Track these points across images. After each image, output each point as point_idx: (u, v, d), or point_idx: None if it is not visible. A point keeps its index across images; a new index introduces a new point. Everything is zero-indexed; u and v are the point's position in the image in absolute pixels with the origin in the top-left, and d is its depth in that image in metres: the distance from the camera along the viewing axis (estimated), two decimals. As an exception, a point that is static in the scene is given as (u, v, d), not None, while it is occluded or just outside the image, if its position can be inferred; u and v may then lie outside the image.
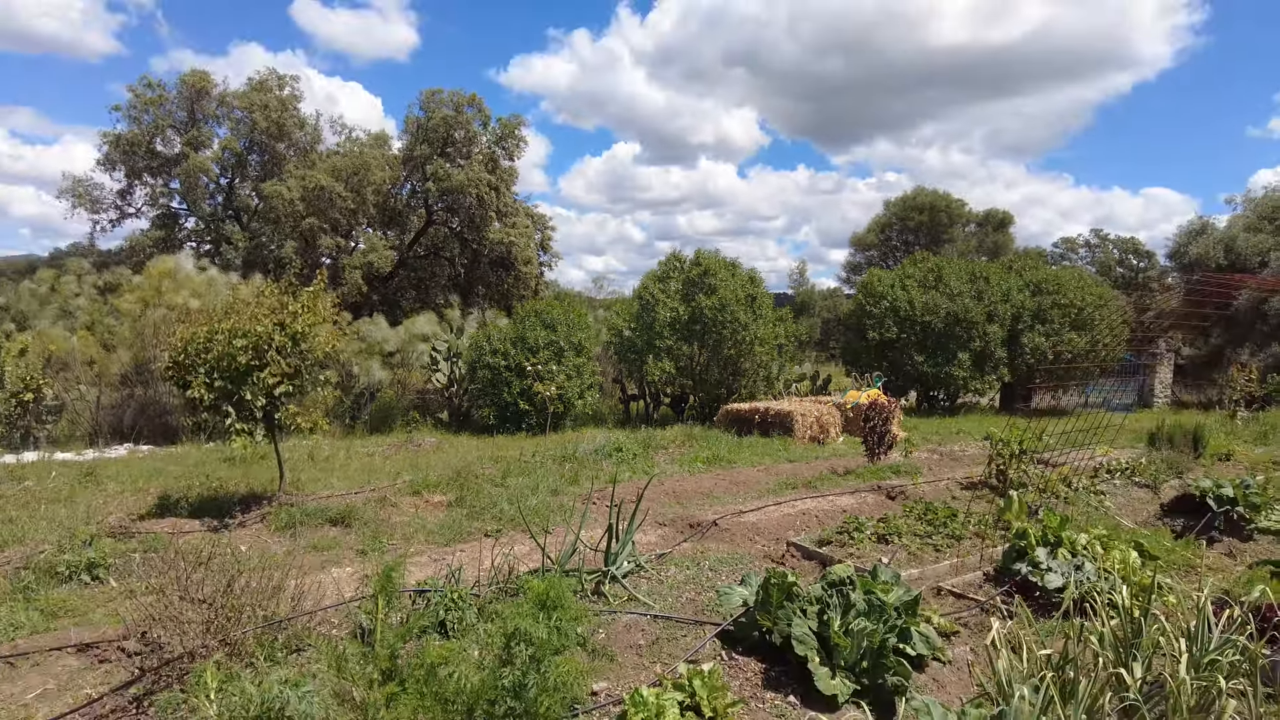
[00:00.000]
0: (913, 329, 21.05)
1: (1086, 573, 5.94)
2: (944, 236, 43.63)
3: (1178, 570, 6.85)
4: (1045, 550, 6.24)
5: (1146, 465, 11.19)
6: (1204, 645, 3.82)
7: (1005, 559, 6.62)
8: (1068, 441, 15.08)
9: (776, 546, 7.91)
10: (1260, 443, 14.80)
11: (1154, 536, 7.52)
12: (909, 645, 4.53)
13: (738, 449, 14.23)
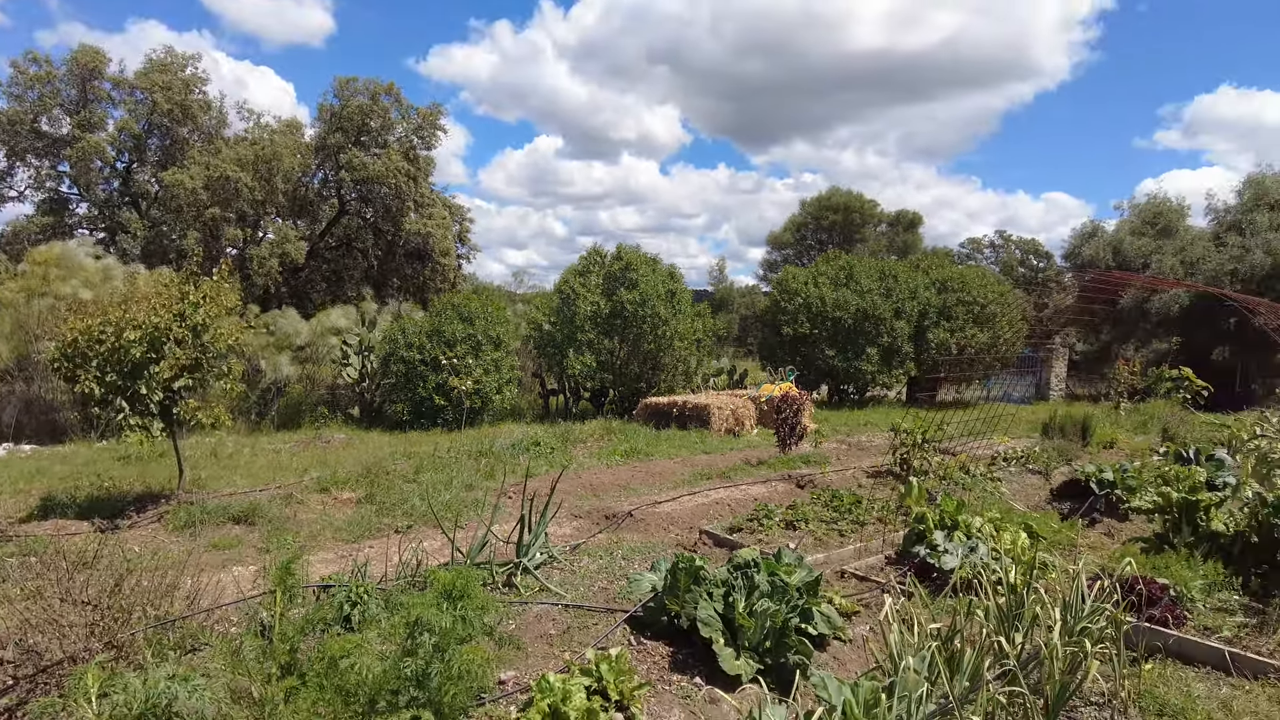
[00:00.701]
0: (825, 325, 21.63)
1: (980, 553, 6.25)
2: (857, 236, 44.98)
3: (1063, 549, 7.28)
4: (942, 533, 6.54)
5: (1039, 453, 11.82)
6: (1077, 615, 4.09)
7: (905, 542, 6.91)
8: (968, 432, 15.79)
9: (690, 535, 8.04)
10: (1140, 431, 15.81)
11: (1042, 519, 7.97)
12: (811, 625, 4.69)
13: (656, 442, 14.36)
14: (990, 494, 9.34)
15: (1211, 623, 5.22)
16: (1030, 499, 9.81)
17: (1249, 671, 4.62)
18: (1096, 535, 7.97)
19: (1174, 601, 5.35)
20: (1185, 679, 4.59)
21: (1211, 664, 4.76)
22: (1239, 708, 4.17)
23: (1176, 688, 4.42)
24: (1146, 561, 6.03)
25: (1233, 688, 4.49)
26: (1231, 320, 25.00)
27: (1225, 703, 4.23)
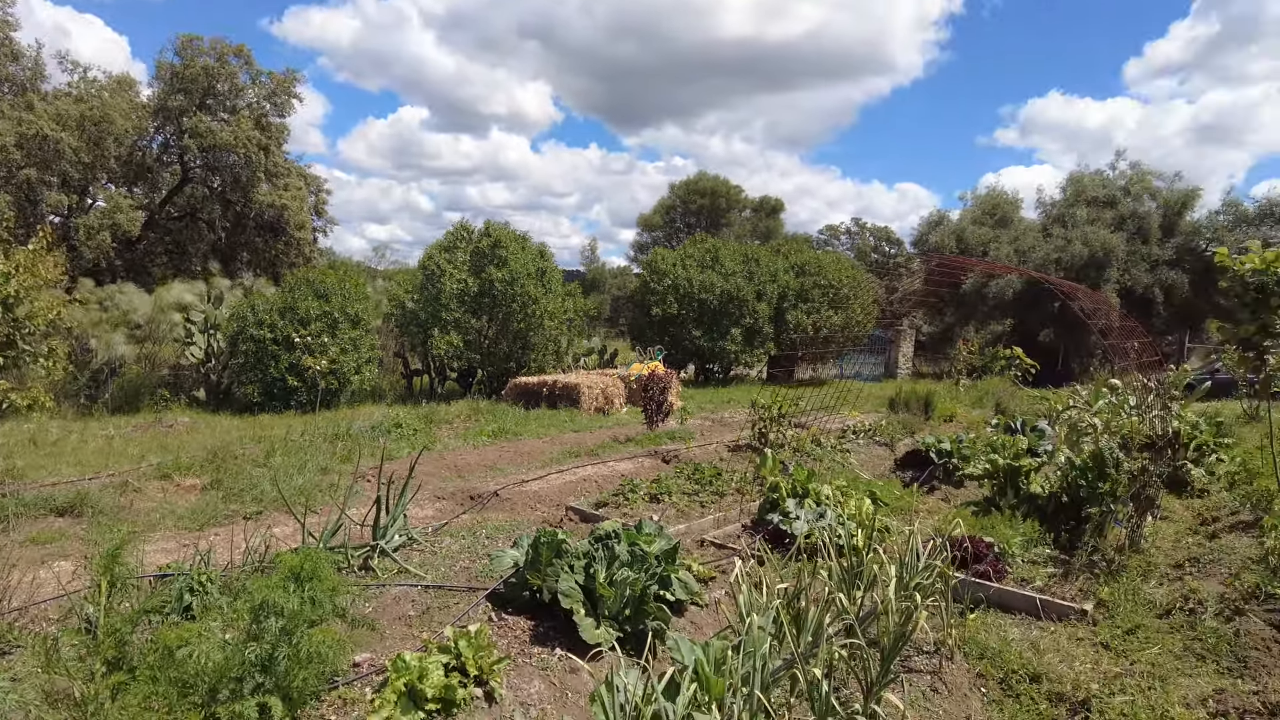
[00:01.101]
0: (692, 306, 22.12)
1: (828, 519, 6.62)
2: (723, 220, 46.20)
3: (904, 513, 7.82)
4: (794, 501, 6.87)
5: (886, 426, 12.60)
6: (911, 572, 4.42)
7: (761, 511, 7.22)
8: (822, 407, 16.59)
9: (557, 512, 8.07)
10: (977, 405, 17.14)
11: (886, 486, 8.52)
12: (669, 591, 4.83)
13: (524, 421, 14.28)
14: (839, 464, 9.89)
15: (1027, 574, 5.77)
16: (876, 468, 10.46)
17: (1055, 615, 5.15)
18: (935, 500, 8.61)
19: (998, 557, 5.87)
20: (1003, 625, 5.07)
21: (1026, 611, 5.27)
22: (1044, 646, 4.65)
23: (996, 633, 4.87)
24: (976, 523, 6.58)
25: (1041, 630, 4.99)
26: (1056, 305, 27.46)
27: (1034, 643, 4.70)
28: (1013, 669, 4.31)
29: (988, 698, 4.17)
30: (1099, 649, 4.67)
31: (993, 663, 4.39)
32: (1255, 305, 5.86)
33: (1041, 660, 4.42)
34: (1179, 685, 4.06)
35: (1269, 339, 5.85)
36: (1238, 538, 6.25)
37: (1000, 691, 4.20)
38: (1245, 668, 4.27)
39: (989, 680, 4.28)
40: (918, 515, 7.66)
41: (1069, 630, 4.94)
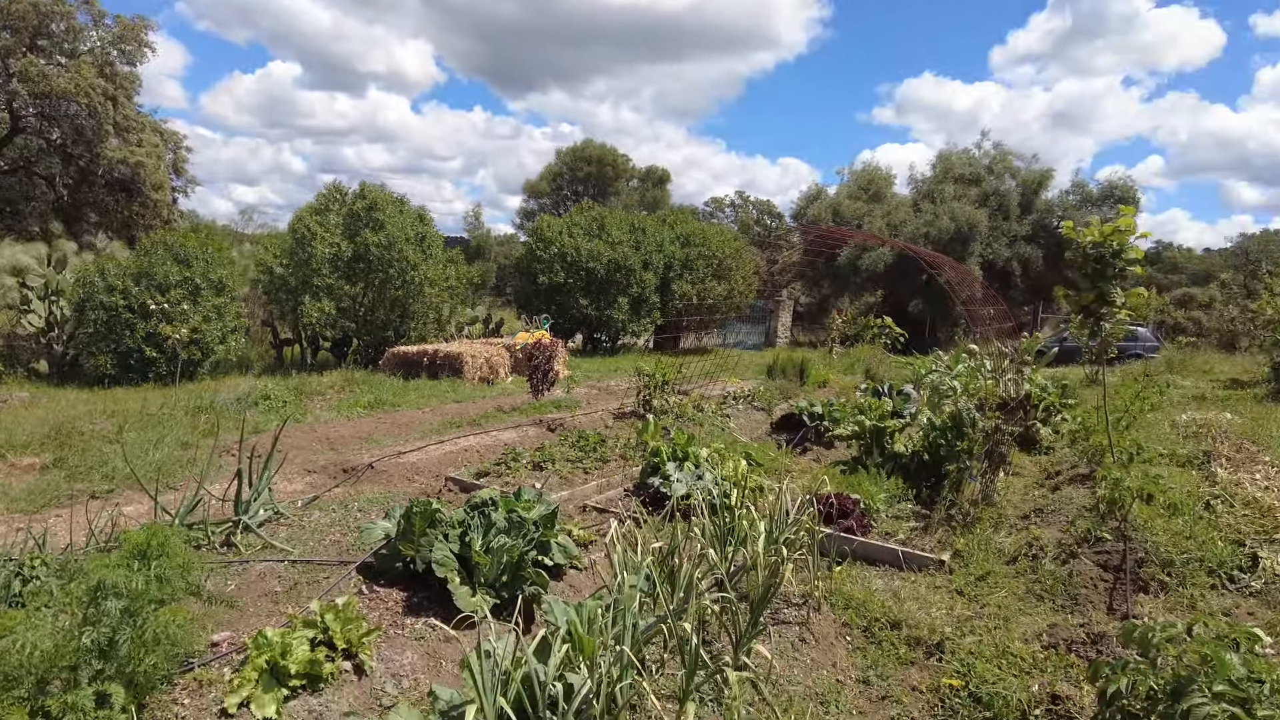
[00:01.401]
0: (579, 274, 22.00)
1: (706, 481, 6.75)
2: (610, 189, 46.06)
3: (779, 473, 8.08)
4: (674, 465, 6.98)
5: (763, 392, 12.97)
6: (780, 529, 4.56)
7: (643, 474, 7.30)
8: (705, 375, 16.90)
9: (436, 483, 7.89)
10: (849, 372, 17.91)
11: (762, 448, 8.78)
12: (549, 557, 4.81)
13: (404, 392, 13.86)
14: (720, 429, 10.11)
15: (891, 528, 6.09)
16: (754, 432, 10.77)
17: (915, 565, 5.46)
18: (807, 461, 8.95)
19: (863, 513, 6.16)
20: (868, 576, 5.33)
21: (889, 562, 5.56)
22: (905, 595, 4.93)
23: (861, 584, 5.12)
24: (844, 481, 6.87)
25: (903, 580, 5.28)
26: (923, 277, 28.93)
27: (896, 592, 4.97)
28: (875, 617, 4.54)
29: (852, 645, 4.38)
30: (954, 595, 4.99)
31: (857, 612, 4.61)
32: (1094, 275, 6.34)
33: (902, 608, 4.68)
34: (1020, 624, 4.39)
35: (1105, 306, 6.35)
36: (1075, 489, 6.81)
37: (864, 639, 4.42)
38: (1075, 604, 4.66)
39: (853, 629, 4.49)
40: (791, 475, 7.94)
41: (928, 579, 5.25)
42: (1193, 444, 8.27)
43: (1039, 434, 9.19)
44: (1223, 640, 2.86)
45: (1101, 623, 4.04)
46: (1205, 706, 2.44)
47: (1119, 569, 4.98)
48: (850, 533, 5.82)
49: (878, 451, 7.34)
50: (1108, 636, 3.79)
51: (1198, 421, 9.37)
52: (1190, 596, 4.60)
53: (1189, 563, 4.86)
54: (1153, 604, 4.58)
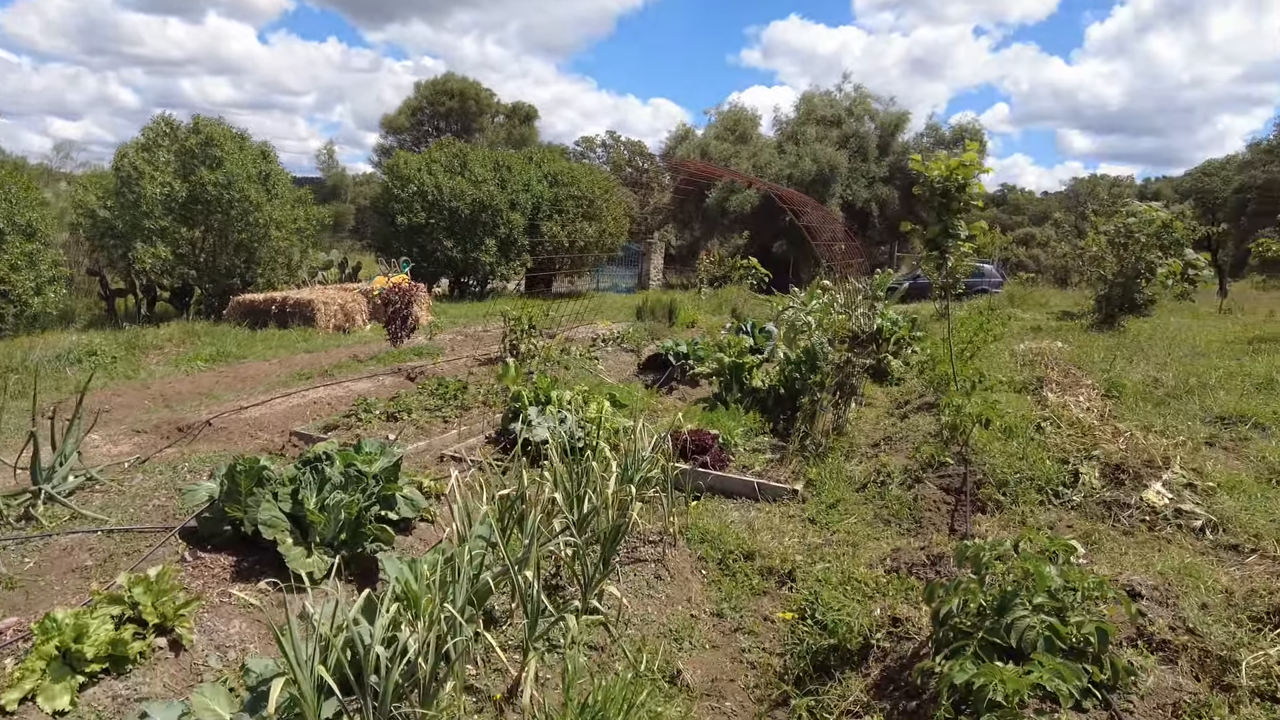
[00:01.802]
0: (441, 214, 21.09)
1: (569, 424, 6.61)
2: (475, 125, 44.25)
3: (644, 413, 8.05)
4: (536, 409, 6.79)
5: (632, 334, 12.93)
6: (636, 467, 4.48)
7: (504, 421, 7.08)
8: (577, 318, 16.72)
9: (280, 439, 7.39)
10: (717, 312, 18.16)
11: (628, 389, 8.72)
12: (394, 511, 4.55)
13: (250, 343, 12.94)
14: (588, 371, 9.99)
15: (749, 461, 6.16)
16: (623, 373, 10.72)
17: (771, 496, 5.54)
18: (673, 400, 8.96)
19: (722, 448, 6.20)
20: (725, 510, 5.37)
21: (746, 494, 5.63)
22: (759, 525, 4.99)
23: (718, 518, 5.14)
24: (705, 417, 6.90)
25: (759, 511, 5.35)
26: (787, 218, 29.62)
27: (751, 523, 5.03)
28: (730, 550, 4.57)
29: (707, 578, 4.39)
30: (806, 524, 5.09)
31: (713, 545, 4.62)
32: (940, 209, 6.53)
33: (756, 539, 4.73)
34: (867, 549, 4.52)
35: (950, 239, 6.57)
36: (922, 417, 7.12)
37: (719, 571, 4.44)
38: (920, 527, 4.86)
39: (709, 562, 4.50)
40: (656, 414, 7.92)
41: (782, 509, 5.35)
42: (1028, 371, 8.83)
43: (890, 366, 9.58)
44: (1044, 554, 2.98)
45: (942, 544, 4.21)
46: (1026, 619, 2.52)
47: (960, 491, 5.22)
48: (707, 467, 5.84)
49: (737, 388, 7.41)
50: (946, 557, 3.95)
51: (1033, 350, 10.02)
52: (1021, 513, 4.88)
53: (1021, 482, 5.15)
54: (989, 522, 4.82)
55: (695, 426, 6.72)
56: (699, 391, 9.16)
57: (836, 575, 3.92)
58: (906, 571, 3.82)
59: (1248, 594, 3.52)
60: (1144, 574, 3.57)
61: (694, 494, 5.55)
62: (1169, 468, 5.09)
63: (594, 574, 3.44)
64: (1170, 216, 15.63)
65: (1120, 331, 13.95)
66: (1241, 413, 6.95)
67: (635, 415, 7.84)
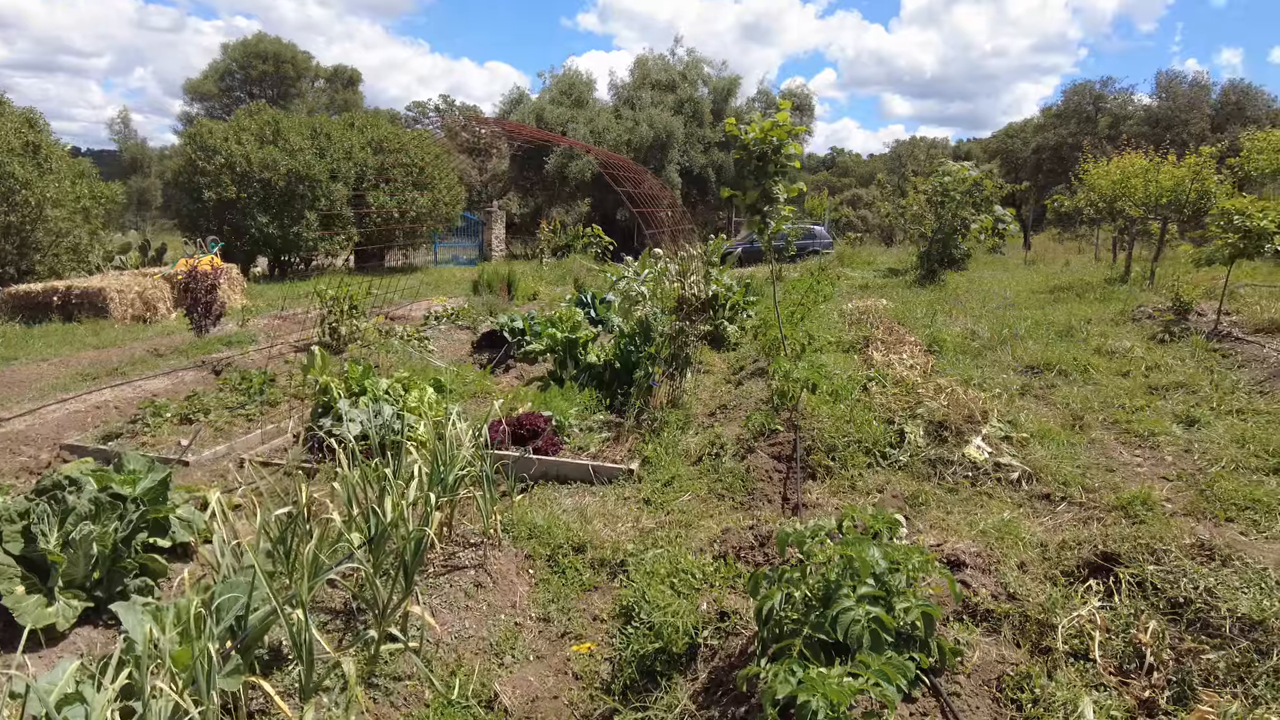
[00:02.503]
0: (254, 187, 19.29)
1: (386, 416, 6.05)
2: (293, 90, 40.95)
3: (478, 397, 7.59)
4: (348, 401, 6.17)
5: (468, 310, 12.30)
6: (449, 464, 4.06)
7: (313, 417, 6.41)
8: (413, 295, 15.84)
9: (49, 455, 6.38)
10: (560, 283, 17.74)
11: (461, 371, 8.20)
12: (166, 537, 3.91)
13: (23, 342, 11.30)
14: (415, 354, 9.35)
15: (584, 442, 5.86)
16: (457, 353, 10.14)
17: (606, 478, 5.27)
18: (510, 379, 8.53)
19: (555, 430, 5.87)
20: (558, 497, 5.05)
21: (581, 479, 5.33)
22: (592, 512, 4.70)
23: (549, 507, 4.81)
24: (539, 398, 6.53)
25: (593, 495, 5.07)
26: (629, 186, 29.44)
27: (583, 510, 4.73)
28: (560, 544, 4.25)
29: (535, 578, 4.06)
30: (641, 506, 4.86)
31: (541, 540, 4.29)
32: (758, 172, 6.41)
33: (588, 528, 4.44)
34: (700, 529, 4.34)
35: (769, 203, 6.47)
36: (755, 383, 7.08)
37: (548, 569, 4.12)
38: (752, 499, 4.73)
39: (537, 559, 4.17)
40: (488, 397, 7.47)
41: (617, 491, 5.09)
42: (855, 330, 9.04)
43: (726, 332, 9.56)
44: (868, 534, 2.85)
45: (770, 521, 4.07)
46: (851, 612, 2.36)
47: (790, 459, 5.15)
48: (541, 453, 5.50)
49: (572, 364, 7.08)
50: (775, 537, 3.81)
51: (859, 309, 10.33)
52: (851, 477, 4.86)
53: (849, 445, 5.14)
54: (820, 489, 4.77)
55: (531, 408, 6.34)
56: (537, 369, 8.77)
57: (665, 565, 3.69)
58: (735, 556, 3.64)
59: (1060, 546, 3.59)
60: (968, 540, 3.57)
61: (525, 483, 5.20)
62: (988, 421, 5.23)
63: (391, 597, 3.01)
64: (980, 175, 16.64)
65: (941, 286, 14.76)
66: (1048, 361, 7.38)
67: (464, 399, 7.36)
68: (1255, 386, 6.39)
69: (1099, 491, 4.46)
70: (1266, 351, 7.19)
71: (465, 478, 4.14)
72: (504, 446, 5.59)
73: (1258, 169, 11.74)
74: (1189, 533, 3.34)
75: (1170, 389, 6.47)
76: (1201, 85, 46.64)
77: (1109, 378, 6.95)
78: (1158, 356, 7.45)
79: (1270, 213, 7.81)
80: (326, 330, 10.49)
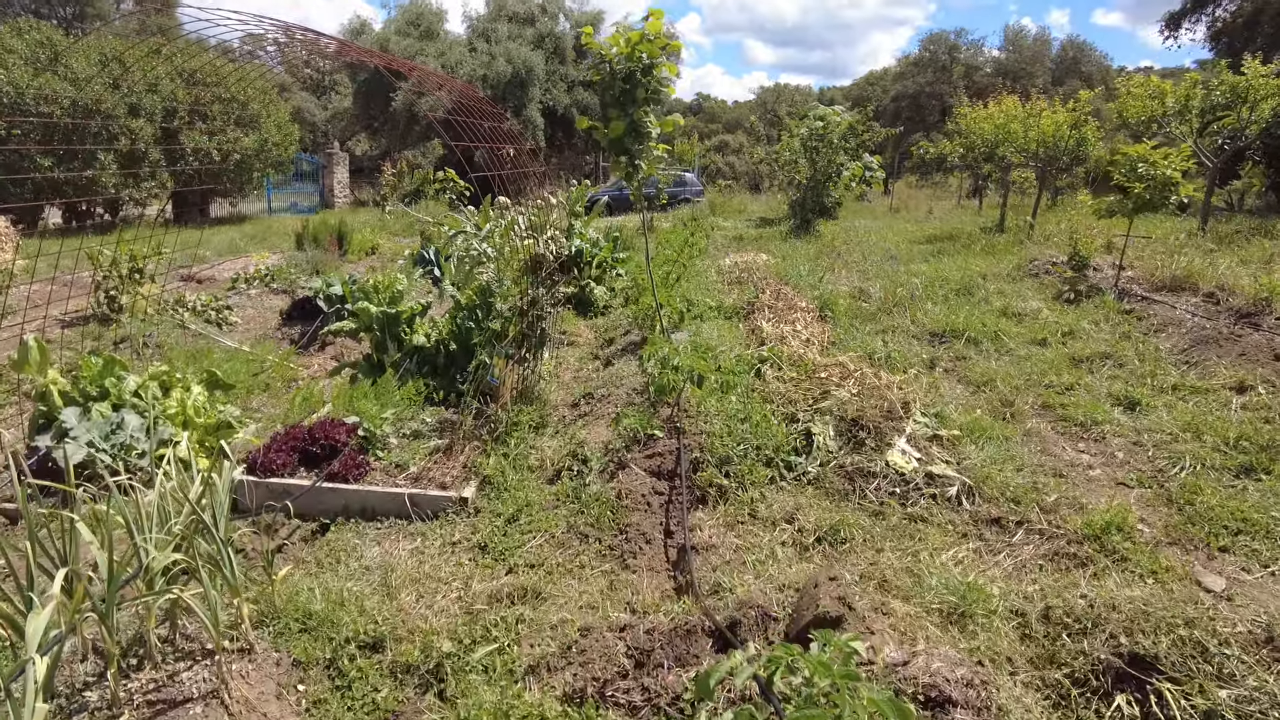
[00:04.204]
0: (28, 123, 16.08)
1: (130, 430, 4.45)
2: (91, 12, 35.49)
3: (274, 391, 6.00)
4: (76, 411, 4.50)
5: (286, 269, 10.41)
6: (168, 519, 2.61)
7: (32, 430, 4.69)
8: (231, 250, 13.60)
9: None
10: (408, 234, 15.82)
11: (260, 351, 6.54)
12: None
13: None
14: (205, 333, 7.55)
15: (404, 456, 4.45)
16: (267, 324, 8.38)
17: (430, 511, 3.93)
18: (325, 360, 6.95)
19: (364, 443, 4.44)
20: (360, 544, 3.67)
21: (396, 513, 3.97)
22: (404, 570, 3.36)
23: (341, 568, 3.43)
24: (346, 395, 5.03)
25: (411, 538, 3.73)
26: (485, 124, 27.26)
27: (391, 569, 3.39)
28: (346, 638, 2.91)
29: (306, 699, 2.71)
30: (476, 555, 3.57)
31: (320, 634, 2.94)
32: (623, 99, 5.10)
33: (392, 607, 3.11)
34: (555, 602, 3.09)
35: (638, 139, 5.18)
36: (628, 363, 5.85)
37: (327, 682, 2.78)
38: (626, 541, 3.53)
39: (311, 668, 2.82)
40: (286, 389, 5.90)
41: (444, 532, 3.77)
42: (738, 292, 7.98)
43: (593, 295, 8.29)
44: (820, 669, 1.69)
45: (653, 604, 2.89)
46: None
47: (673, 475, 3.98)
48: (338, 479, 4.08)
49: (393, 346, 5.60)
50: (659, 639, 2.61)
51: (739, 265, 9.27)
52: (750, 500, 3.75)
53: (747, 454, 4.02)
54: (712, 519, 3.64)
55: (338, 408, 4.86)
56: (364, 346, 7.21)
57: (493, 694, 2.44)
58: (598, 696, 2.43)
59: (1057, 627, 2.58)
60: (944, 648, 2.46)
61: (318, 523, 3.79)
62: (910, 415, 4.23)
63: None
64: (855, 118, 15.94)
65: (816, 236, 14.01)
66: (953, 327, 6.55)
67: (258, 394, 5.76)
68: (1180, 356, 5.77)
69: (1058, 511, 3.55)
70: (1179, 313, 6.65)
71: (183, 558, 2.70)
72: (286, 471, 4.13)
73: (1134, 115, 11.45)
74: (1237, 620, 2.40)
75: (1094, 360, 5.75)
76: (1043, 40, 48.78)
77: (1024, 346, 6.20)
78: (1070, 320, 6.78)
79: (1174, 160, 7.25)
80: (103, 300, 8.46)
